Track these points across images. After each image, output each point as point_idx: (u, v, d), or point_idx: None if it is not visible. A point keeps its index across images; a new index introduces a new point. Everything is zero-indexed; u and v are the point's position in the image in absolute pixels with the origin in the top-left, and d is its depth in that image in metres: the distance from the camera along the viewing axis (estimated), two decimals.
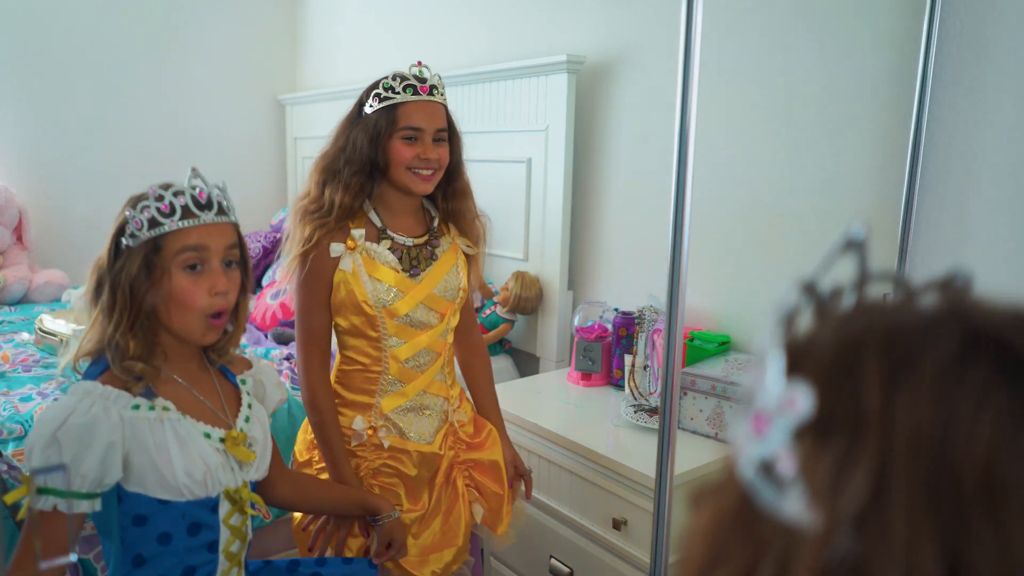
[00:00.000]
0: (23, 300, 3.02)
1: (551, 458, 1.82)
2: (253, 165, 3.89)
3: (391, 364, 1.43)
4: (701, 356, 1.88)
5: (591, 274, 2.37)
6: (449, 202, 1.50)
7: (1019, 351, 0.30)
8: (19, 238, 3.15)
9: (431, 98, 1.39)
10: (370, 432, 1.44)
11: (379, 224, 1.43)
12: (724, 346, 1.93)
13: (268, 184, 3.99)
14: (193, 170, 1.06)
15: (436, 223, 1.49)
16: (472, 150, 2.59)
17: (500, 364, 2.43)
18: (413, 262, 1.44)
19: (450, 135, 1.44)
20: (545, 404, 1.98)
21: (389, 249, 1.42)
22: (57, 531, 0.96)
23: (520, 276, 2.34)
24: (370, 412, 1.44)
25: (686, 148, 1.09)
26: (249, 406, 1.17)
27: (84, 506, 0.97)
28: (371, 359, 1.44)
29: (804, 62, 1.75)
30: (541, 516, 1.88)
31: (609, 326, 2.10)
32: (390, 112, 1.37)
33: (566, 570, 1.81)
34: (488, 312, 2.40)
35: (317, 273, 1.38)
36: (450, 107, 1.48)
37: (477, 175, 2.58)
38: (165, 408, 1.04)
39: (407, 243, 1.44)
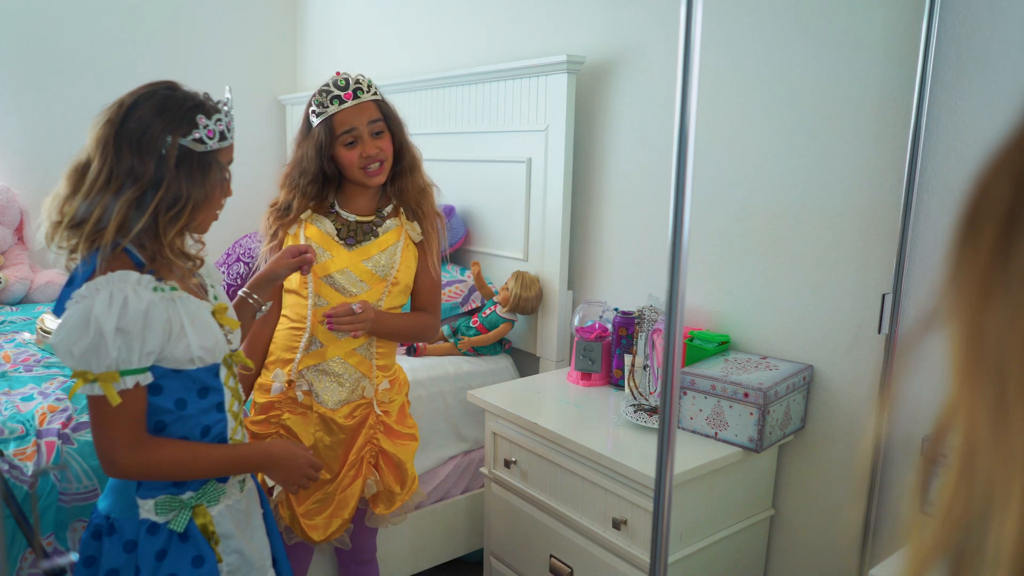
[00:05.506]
0: (24, 300, 3.02)
1: (551, 458, 1.82)
2: (253, 165, 3.88)
3: (314, 322, 1.61)
4: (701, 356, 1.88)
5: (591, 274, 2.38)
6: (399, 179, 1.66)
7: None
8: (20, 238, 3.16)
9: (358, 100, 1.55)
10: (287, 385, 1.62)
11: (331, 201, 1.65)
12: (724, 346, 1.93)
13: (268, 184, 3.96)
14: (229, 89, 1.22)
15: (388, 208, 1.67)
16: (472, 150, 2.61)
17: (500, 364, 2.44)
18: (352, 234, 1.63)
19: (389, 124, 1.59)
20: (545, 404, 1.98)
21: (332, 221, 1.63)
22: (138, 404, 1.11)
23: (520, 276, 2.34)
24: (290, 367, 1.62)
25: (686, 148, 1.09)
26: (212, 287, 1.29)
27: (149, 377, 1.11)
28: (299, 317, 1.63)
29: (804, 62, 1.75)
30: (541, 516, 1.89)
31: (609, 326, 2.11)
32: (328, 124, 1.56)
33: (566, 570, 1.81)
34: (488, 312, 2.40)
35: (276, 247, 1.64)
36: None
37: (477, 175, 2.60)
38: (173, 288, 1.14)
39: (350, 219, 1.64)
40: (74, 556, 1.16)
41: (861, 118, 1.66)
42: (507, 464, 1.97)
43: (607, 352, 2.10)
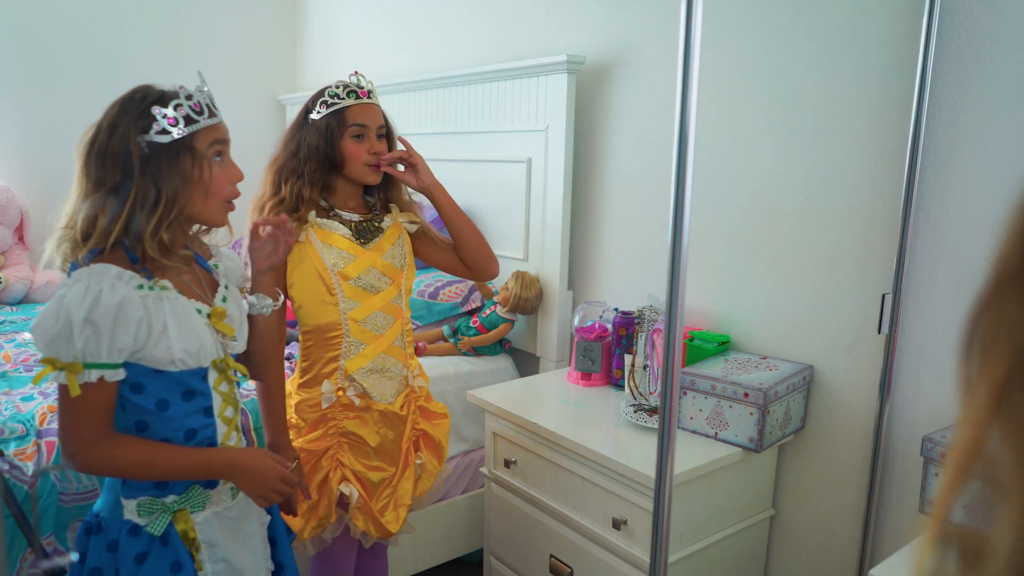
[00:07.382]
0: (25, 300, 3.02)
1: (551, 458, 1.82)
2: (253, 165, 3.87)
3: (350, 325, 1.58)
4: (701, 356, 1.88)
5: (591, 274, 2.38)
6: (387, 190, 1.69)
7: None
8: (21, 238, 3.16)
9: (370, 101, 1.61)
10: (339, 393, 1.58)
11: (326, 205, 1.62)
12: (724, 346, 1.93)
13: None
14: (200, 74, 1.19)
15: (377, 206, 1.69)
16: (472, 150, 2.61)
17: (500, 364, 2.44)
18: (362, 233, 1.62)
19: (388, 133, 1.64)
20: (545, 404, 1.98)
21: (339, 223, 1.60)
22: (103, 399, 1.09)
23: (520, 276, 2.34)
24: (336, 375, 1.58)
25: (686, 148, 1.09)
26: (225, 287, 1.26)
27: (120, 374, 1.09)
28: (331, 325, 1.57)
29: (804, 62, 1.75)
30: (541, 516, 1.89)
31: (609, 326, 2.11)
32: (339, 115, 1.57)
33: (566, 570, 1.81)
34: (488, 312, 2.40)
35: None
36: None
37: (477, 175, 2.60)
38: (163, 287, 1.12)
39: (353, 219, 1.62)
40: (74, 556, 1.16)
41: (861, 117, 1.66)
42: (507, 464, 1.97)
43: (607, 352, 2.10)
